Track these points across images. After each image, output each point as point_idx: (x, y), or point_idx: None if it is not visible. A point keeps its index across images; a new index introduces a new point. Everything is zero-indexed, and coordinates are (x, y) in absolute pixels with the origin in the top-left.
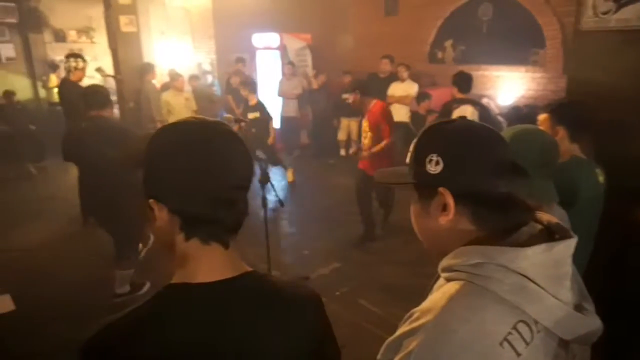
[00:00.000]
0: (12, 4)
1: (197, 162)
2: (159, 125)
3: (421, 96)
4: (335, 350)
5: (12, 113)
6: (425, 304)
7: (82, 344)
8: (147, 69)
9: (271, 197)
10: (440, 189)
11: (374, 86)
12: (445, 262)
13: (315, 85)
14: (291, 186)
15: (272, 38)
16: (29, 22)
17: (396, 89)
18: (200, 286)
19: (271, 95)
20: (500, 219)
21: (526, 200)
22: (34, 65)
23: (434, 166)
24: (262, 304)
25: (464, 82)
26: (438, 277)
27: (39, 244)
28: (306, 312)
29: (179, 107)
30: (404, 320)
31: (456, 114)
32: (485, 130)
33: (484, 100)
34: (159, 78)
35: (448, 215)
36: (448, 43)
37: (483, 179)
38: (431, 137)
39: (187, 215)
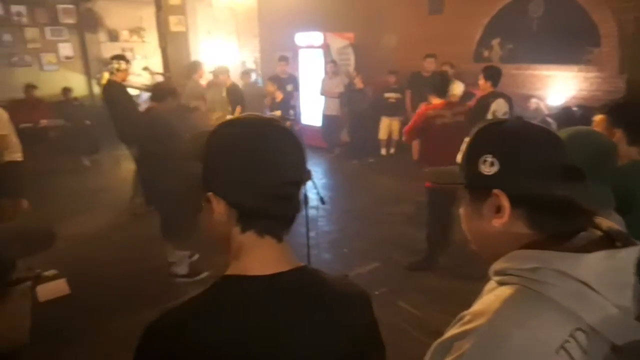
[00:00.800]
0: (71, 6)
1: (255, 158)
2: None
3: (466, 96)
4: (381, 350)
5: (69, 108)
6: (476, 307)
7: (143, 327)
8: (194, 67)
9: (312, 195)
10: (495, 191)
11: (417, 85)
12: (498, 265)
13: (360, 85)
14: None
15: (315, 37)
16: (85, 23)
17: None
18: (255, 279)
19: (313, 93)
20: (558, 223)
21: (584, 205)
22: (89, 64)
23: (489, 167)
24: (313, 299)
25: (497, 75)
26: (488, 279)
27: (91, 233)
28: (356, 309)
29: (221, 103)
30: (453, 323)
31: (493, 107)
32: (542, 130)
33: (533, 101)
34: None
35: (502, 217)
36: (495, 41)
37: (540, 181)
38: (485, 137)
39: (244, 208)
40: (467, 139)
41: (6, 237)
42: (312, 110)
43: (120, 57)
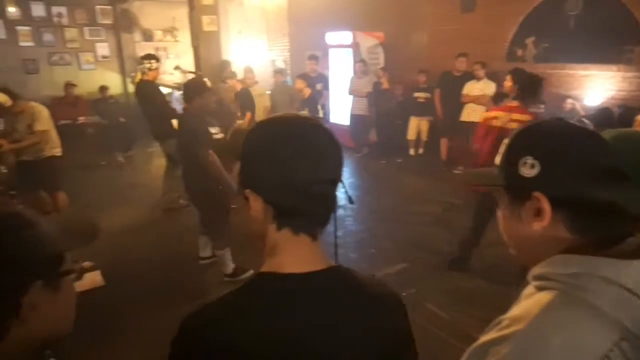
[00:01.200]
0: (108, 7)
1: (292, 155)
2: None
3: (499, 96)
4: (413, 352)
5: (105, 106)
6: (514, 312)
7: (181, 320)
8: (224, 66)
9: (340, 194)
10: (535, 194)
11: (447, 84)
12: (537, 270)
13: (385, 85)
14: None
15: (345, 36)
16: (122, 23)
17: (472, 88)
18: (288, 276)
19: (342, 92)
20: (601, 228)
21: (630, 209)
22: (125, 63)
23: (529, 169)
24: (346, 299)
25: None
26: (526, 284)
27: (124, 226)
28: (389, 311)
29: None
30: (489, 327)
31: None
32: (585, 131)
33: (569, 101)
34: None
35: (542, 221)
36: (529, 40)
37: (584, 184)
38: (526, 138)
39: (280, 206)
40: (506, 140)
41: (54, 229)
42: (340, 109)
43: (150, 57)
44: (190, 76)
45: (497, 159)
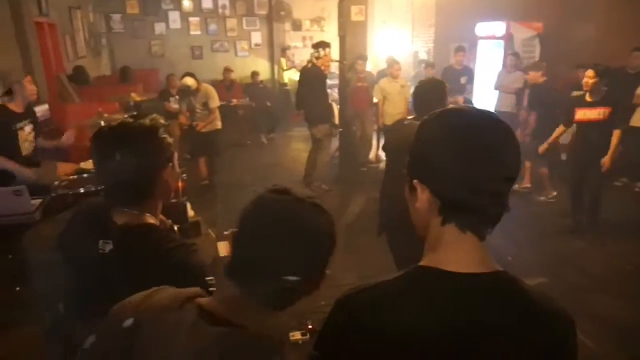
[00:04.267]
0: None
1: (468, 148)
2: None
3: None
4: None
5: (255, 90)
6: None
7: (337, 298)
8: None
9: None
10: None
11: (619, 83)
12: None
13: (541, 79)
14: None
15: (498, 27)
16: (275, 14)
17: None
18: (451, 275)
19: (487, 87)
20: None
21: None
22: (274, 51)
23: None
24: (511, 307)
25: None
26: None
27: None
28: (556, 330)
29: (394, 94)
30: None
31: None
32: None
33: None
34: (376, 66)
35: None
36: None
37: None
38: None
39: (448, 199)
40: None
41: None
42: (484, 104)
43: (321, 45)
44: (334, 64)
45: None
